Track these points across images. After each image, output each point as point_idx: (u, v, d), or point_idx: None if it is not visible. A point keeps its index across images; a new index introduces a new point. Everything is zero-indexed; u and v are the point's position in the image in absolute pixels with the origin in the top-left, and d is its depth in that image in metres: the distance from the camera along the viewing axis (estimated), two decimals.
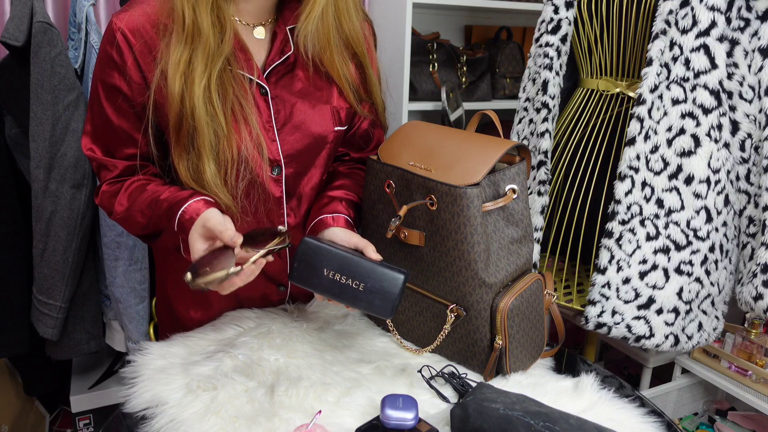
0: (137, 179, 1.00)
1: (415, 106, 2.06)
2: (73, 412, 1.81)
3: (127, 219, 0.99)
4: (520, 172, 0.97)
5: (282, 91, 1.00)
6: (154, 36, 0.92)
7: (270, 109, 0.99)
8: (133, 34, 0.92)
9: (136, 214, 0.97)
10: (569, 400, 0.89)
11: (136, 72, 0.93)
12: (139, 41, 0.92)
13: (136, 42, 0.92)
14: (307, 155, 1.03)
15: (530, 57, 1.56)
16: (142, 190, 0.98)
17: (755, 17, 1.22)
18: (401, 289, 0.89)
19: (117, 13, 0.94)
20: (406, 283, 0.90)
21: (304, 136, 1.02)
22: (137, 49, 0.92)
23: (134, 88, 0.94)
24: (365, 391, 0.91)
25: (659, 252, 1.28)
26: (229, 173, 0.95)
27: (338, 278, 0.90)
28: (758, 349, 1.66)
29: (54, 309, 1.53)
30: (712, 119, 1.24)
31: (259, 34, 0.98)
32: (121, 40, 0.92)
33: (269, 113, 0.99)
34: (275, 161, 1.01)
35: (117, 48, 0.92)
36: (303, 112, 1.01)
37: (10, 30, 1.41)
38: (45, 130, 1.43)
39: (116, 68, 0.93)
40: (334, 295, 0.91)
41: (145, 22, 0.92)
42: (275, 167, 1.01)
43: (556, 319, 1.07)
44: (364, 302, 0.90)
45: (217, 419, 0.83)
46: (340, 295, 0.91)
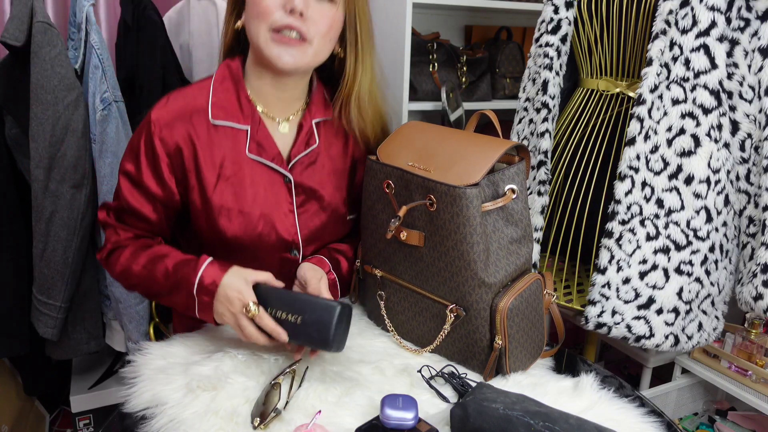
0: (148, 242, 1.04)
1: (415, 106, 2.06)
2: (73, 412, 1.81)
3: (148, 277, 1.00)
4: (519, 172, 0.97)
5: (304, 180, 1.06)
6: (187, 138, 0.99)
7: (293, 196, 1.06)
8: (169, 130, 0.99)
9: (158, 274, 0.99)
10: (569, 400, 0.89)
11: (168, 173, 1.01)
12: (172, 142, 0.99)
13: (171, 143, 0.99)
14: (325, 238, 1.11)
15: (530, 57, 1.56)
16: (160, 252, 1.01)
17: (755, 17, 1.22)
18: (338, 319, 0.89)
19: (156, 107, 1.00)
20: (345, 314, 0.91)
21: (322, 221, 1.09)
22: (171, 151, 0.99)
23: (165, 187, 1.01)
24: (365, 391, 0.91)
25: (659, 252, 1.28)
26: (251, 254, 1.04)
27: (280, 315, 0.92)
28: (758, 349, 1.66)
29: (54, 309, 1.53)
30: (712, 119, 1.24)
31: (284, 129, 1.05)
32: (156, 139, 0.98)
33: (291, 201, 1.06)
34: (294, 244, 1.08)
35: (151, 145, 0.99)
36: (323, 199, 1.08)
37: (10, 30, 1.41)
38: (45, 130, 1.43)
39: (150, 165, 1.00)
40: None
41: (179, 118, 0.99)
42: (293, 249, 1.08)
43: (556, 319, 1.07)
44: (303, 335, 0.92)
45: (216, 419, 0.83)
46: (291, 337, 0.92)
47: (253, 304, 0.91)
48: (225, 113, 1.01)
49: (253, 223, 1.03)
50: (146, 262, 0.98)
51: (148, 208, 1.02)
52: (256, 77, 1.02)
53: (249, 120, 1.02)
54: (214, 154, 1.00)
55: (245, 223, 1.03)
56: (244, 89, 1.02)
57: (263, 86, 1.02)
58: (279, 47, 0.95)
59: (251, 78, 1.03)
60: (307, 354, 0.98)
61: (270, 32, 0.94)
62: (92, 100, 1.49)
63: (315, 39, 0.96)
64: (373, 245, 1.05)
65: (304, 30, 0.94)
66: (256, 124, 1.02)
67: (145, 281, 0.99)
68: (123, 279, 1.03)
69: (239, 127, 1.01)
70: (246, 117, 1.02)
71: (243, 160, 1.01)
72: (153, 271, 0.97)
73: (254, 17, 0.95)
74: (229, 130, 1.01)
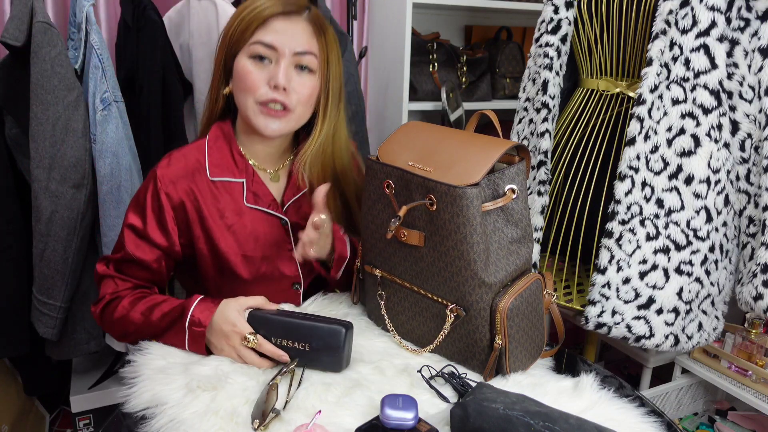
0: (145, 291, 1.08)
1: (415, 106, 2.06)
2: (73, 412, 1.81)
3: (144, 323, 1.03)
4: (519, 172, 0.97)
5: (299, 220, 1.15)
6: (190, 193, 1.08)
7: (290, 235, 1.14)
8: (174, 186, 1.07)
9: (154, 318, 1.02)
10: (569, 400, 0.89)
11: (173, 225, 1.08)
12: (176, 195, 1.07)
13: (175, 198, 1.07)
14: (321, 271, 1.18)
15: (530, 57, 1.56)
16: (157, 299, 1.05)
17: (755, 17, 1.22)
18: (344, 342, 0.94)
19: (159, 166, 1.08)
20: (350, 334, 0.96)
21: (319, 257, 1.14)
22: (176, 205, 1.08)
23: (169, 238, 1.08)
24: (365, 391, 0.91)
25: (659, 252, 1.28)
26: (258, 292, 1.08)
27: (286, 344, 0.96)
28: (758, 349, 1.66)
29: (54, 309, 1.53)
30: (712, 119, 1.24)
31: (275, 178, 1.15)
32: (162, 193, 1.06)
33: (290, 240, 1.14)
34: (295, 278, 1.16)
35: (158, 199, 1.07)
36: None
37: (10, 30, 1.41)
38: (45, 130, 1.43)
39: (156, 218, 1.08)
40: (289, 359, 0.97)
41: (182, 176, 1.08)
42: (295, 284, 1.17)
43: (556, 319, 1.07)
44: (313, 361, 0.95)
45: (216, 419, 0.83)
46: (292, 359, 0.96)
47: (251, 335, 0.95)
48: (221, 170, 1.10)
49: (257, 264, 1.12)
50: (144, 309, 1.02)
51: (152, 257, 1.08)
52: (246, 137, 1.12)
53: (244, 174, 1.11)
54: (216, 206, 1.09)
55: (250, 265, 1.12)
56: (237, 147, 1.12)
57: (253, 145, 1.12)
58: (266, 118, 1.05)
59: (242, 138, 1.13)
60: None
61: (257, 105, 1.04)
62: (92, 100, 1.49)
63: (297, 107, 1.06)
64: (374, 245, 1.05)
65: (287, 102, 1.04)
66: (250, 176, 1.12)
67: (142, 326, 1.02)
68: (119, 326, 1.05)
69: (236, 180, 1.11)
70: (241, 171, 1.11)
71: (242, 210, 1.11)
72: (150, 316, 1.01)
73: (242, 90, 1.05)
74: (227, 184, 1.10)
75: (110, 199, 1.53)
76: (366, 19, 2.16)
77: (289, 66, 1.03)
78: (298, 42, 1.03)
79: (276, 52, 1.03)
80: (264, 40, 1.02)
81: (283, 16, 1.03)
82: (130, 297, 1.05)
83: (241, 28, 1.03)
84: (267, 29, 1.03)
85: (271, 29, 1.03)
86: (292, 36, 1.03)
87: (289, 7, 1.04)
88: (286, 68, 1.03)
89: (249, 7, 1.03)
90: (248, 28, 1.02)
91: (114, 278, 1.08)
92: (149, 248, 1.08)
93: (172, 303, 1.02)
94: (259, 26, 1.02)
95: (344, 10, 2.09)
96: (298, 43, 1.03)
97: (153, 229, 1.07)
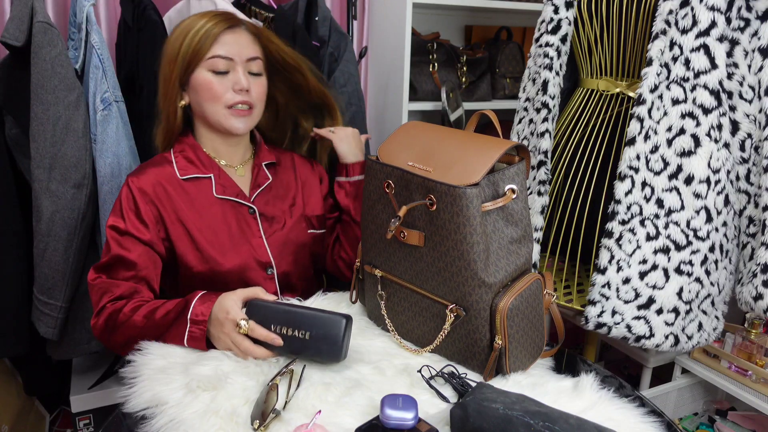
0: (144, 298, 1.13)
1: (415, 106, 2.06)
2: (73, 412, 1.81)
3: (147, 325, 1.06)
4: (519, 172, 0.97)
5: (266, 208, 1.27)
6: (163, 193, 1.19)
7: (259, 223, 1.25)
8: (148, 188, 1.18)
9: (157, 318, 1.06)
10: (569, 400, 0.89)
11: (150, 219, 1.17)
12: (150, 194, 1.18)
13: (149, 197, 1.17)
14: (293, 254, 1.29)
15: (530, 57, 1.56)
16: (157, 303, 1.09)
17: (755, 17, 1.22)
18: (344, 331, 0.95)
19: (131, 175, 1.20)
20: (350, 325, 0.97)
21: (286, 241, 1.28)
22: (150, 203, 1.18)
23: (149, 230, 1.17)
24: (365, 391, 0.91)
25: (659, 252, 1.28)
26: (238, 277, 1.21)
27: (286, 332, 0.97)
28: (758, 349, 1.66)
29: (54, 309, 1.53)
30: (712, 119, 1.24)
31: (241, 172, 1.28)
32: (137, 193, 1.17)
33: (258, 227, 1.25)
34: (267, 263, 1.25)
35: (133, 199, 1.17)
36: (282, 222, 1.28)
37: (10, 30, 1.41)
38: (45, 130, 1.43)
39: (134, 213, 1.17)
40: (285, 348, 0.98)
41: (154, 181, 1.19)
42: (268, 268, 1.25)
43: (555, 319, 1.07)
44: (313, 350, 0.96)
45: (216, 419, 0.83)
46: (290, 347, 0.97)
47: (243, 321, 0.98)
48: (189, 170, 1.23)
49: (231, 252, 1.21)
50: (147, 312, 1.07)
51: (137, 253, 1.14)
52: (209, 141, 1.26)
53: (210, 169, 1.24)
54: (188, 200, 1.20)
55: (225, 253, 1.20)
56: (201, 149, 1.25)
57: (217, 146, 1.26)
58: (236, 119, 1.20)
59: (205, 142, 1.26)
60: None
61: (226, 109, 1.19)
62: (92, 100, 1.49)
63: (257, 104, 1.23)
64: (374, 245, 1.05)
65: (250, 101, 1.20)
66: (217, 171, 1.24)
67: (144, 329, 1.05)
68: (122, 334, 1.08)
69: (204, 176, 1.23)
70: (208, 167, 1.24)
71: (213, 201, 1.22)
72: (153, 317, 1.05)
73: (208, 100, 1.18)
74: (197, 181, 1.22)
75: (111, 199, 1.53)
76: (366, 19, 2.16)
77: (244, 71, 1.19)
78: (246, 50, 1.19)
79: (232, 62, 1.18)
80: (221, 54, 1.17)
81: (230, 30, 1.18)
82: (130, 305, 1.08)
83: (195, 48, 1.16)
84: (219, 43, 1.17)
85: (224, 43, 1.17)
86: (241, 46, 1.19)
87: (231, 21, 1.19)
88: (243, 73, 1.18)
89: (196, 28, 1.16)
90: (202, 46, 1.16)
91: (105, 284, 1.12)
92: (133, 243, 1.15)
93: (174, 301, 1.06)
94: (213, 42, 1.16)
95: (344, 10, 2.09)
96: (247, 51, 1.19)
97: (133, 225, 1.15)
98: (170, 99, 1.21)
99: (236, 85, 1.17)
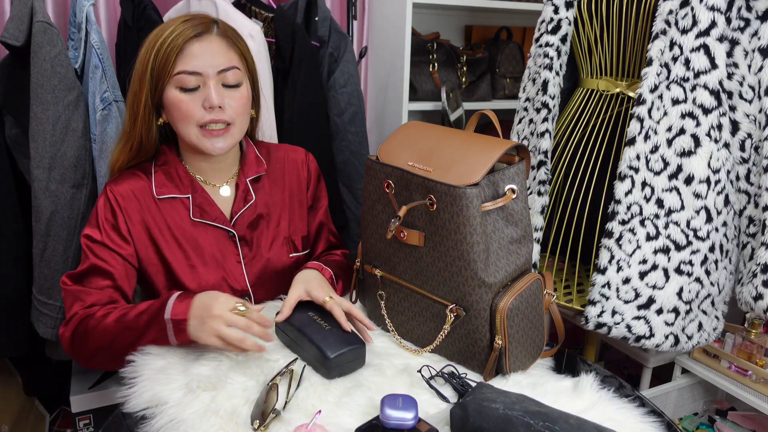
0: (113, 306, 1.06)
1: (415, 106, 2.06)
2: (73, 412, 1.81)
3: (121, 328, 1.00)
4: (519, 172, 0.97)
5: (246, 232, 1.18)
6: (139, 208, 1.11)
7: (238, 248, 1.17)
8: (124, 200, 1.10)
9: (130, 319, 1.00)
10: (569, 400, 0.89)
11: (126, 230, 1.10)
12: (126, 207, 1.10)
13: (126, 209, 1.10)
14: (272, 281, 1.20)
15: (530, 57, 1.56)
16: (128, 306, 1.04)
17: (755, 17, 1.22)
18: (359, 347, 0.97)
19: (109, 183, 1.12)
20: (362, 351, 0.97)
21: (266, 267, 1.19)
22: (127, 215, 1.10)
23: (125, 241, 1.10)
24: (365, 391, 0.91)
25: (659, 252, 1.28)
26: None
27: (311, 315, 1.02)
28: (758, 349, 1.66)
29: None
30: (712, 119, 1.24)
31: (224, 191, 1.18)
32: (114, 204, 1.10)
33: (237, 252, 1.17)
34: (244, 291, 1.17)
35: (111, 208, 1.10)
36: (263, 246, 1.19)
37: (10, 30, 1.41)
38: (45, 130, 1.43)
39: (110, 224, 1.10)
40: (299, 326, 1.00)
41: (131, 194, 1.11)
42: (245, 296, 1.17)
43: (555, 319, 1.07)
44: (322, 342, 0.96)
45: (216, 419, 0.83)
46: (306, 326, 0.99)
47: (239, 303, 0.94)
48: (167, 189, 1.13)
49: (206, 277, 1.13)
50: (118, 315, 1.00)
51: (113, 263, 1.08)
52: (191, 158, 1.15)
53: (189, 190, 1.14)
54: (164, 222, 1.12)
55: (196, 276, 1.13)
56: (182, 167, 1.15)
57: (198, 163, 1.15)
58: (210, 139, 1.08)
59: (187, 158, 1.16)
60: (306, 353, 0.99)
61: (198, 128, 1.07)
62: (92, 99, 1.49)
63: (236, 120, 1.09)
64: (374, 245, 1.05)
65: (226, 118, 1.07)
66: (196, 191, 1.14)
67: (117, 333, 1.00)
68: (93, 340, 1.01)
69: (181, 197, 1.14)
70: (186, 187, 1.14)
71: (189, 224, 1.13)
72: (124, 319, 1.00)
73: (180, 120, 1.07)
74: (173, 201, 1.13)
75: None
76: (366, 19, 2.16)
77: (217, 85, 1.06)
78: (218, 60, 1.06)
79: (202, 77, 1.05)
80: (187, 69, 1.04)
81: (197, 39, 1.05)
82: (101, 311, 1.03)
83: (161, 63, 1.04)
84: (185, 57, 1.04)
85: (190, 55, 1.04)
86: (212, 56, 1.05)
87: (198, 28, 1.05)
88: (215, 87, 1.05)
89: (160, 40, 1.04)
90: (167, 60, 1.03)
91: (78, 293, 1.06)
92: (109, 254, 1.08)
93: (147, 303, 1.01)
94: (178, 56, 1.04)
95: (344, 10, 2.09)
96: (219, 61, 1.06)
97: (109, 236, 1.09)
98: (146, 118, 1.09)
99: (206, 101, 1.05)
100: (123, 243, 1.10)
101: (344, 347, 0.94)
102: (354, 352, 0.96)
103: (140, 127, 1.09)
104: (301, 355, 0.99)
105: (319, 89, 1.72)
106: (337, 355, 0.93)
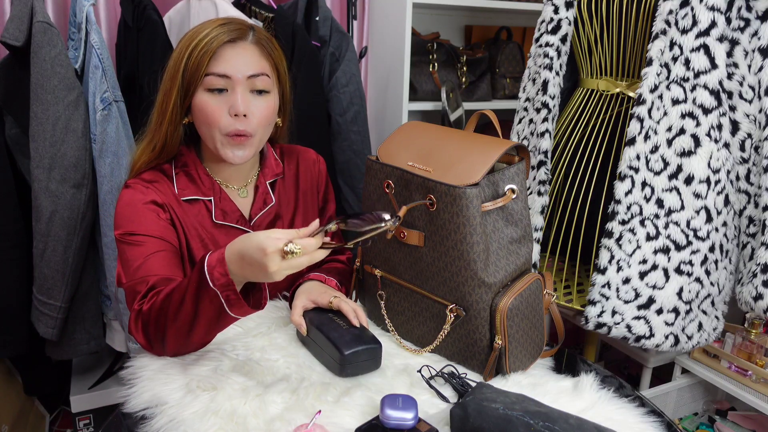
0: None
1: (415, 106, 2.06)
2: (73, 412, 1.81)
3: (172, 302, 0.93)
4: (519, 172, 0.97)
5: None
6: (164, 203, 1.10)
7: None
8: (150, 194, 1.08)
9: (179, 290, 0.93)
10: (569, 400, 0.89)
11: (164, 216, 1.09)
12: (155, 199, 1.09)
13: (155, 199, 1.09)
14: (287, 280, 1.12)
15: (530, 57, 1.56)
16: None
17: (755, 17, 1.22)
18: (376, 349, 0.97)
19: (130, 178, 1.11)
20: (378, 353, 0.97)
21: None
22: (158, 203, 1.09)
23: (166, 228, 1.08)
24: (365, 391, 0.91)
25: (659, 252, 1.28)
26: None
27: (332, 316, 1.02)
28: (758, 349, 1.66)
29: (54, 309, 1.53)
30: (712, 119, 1.24)
31: (243, 193, 1.18)
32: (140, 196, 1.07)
33: None
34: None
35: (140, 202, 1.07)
36: None
37: (10, 30, 1.41)
38: (45, 130, 1.43)
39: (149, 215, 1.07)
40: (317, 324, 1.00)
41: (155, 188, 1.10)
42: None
43: (555, 319, 1.07)
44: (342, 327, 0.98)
45: (216, 419, 0.83)
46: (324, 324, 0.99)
47: (291, 244, 0.80)
48: (190, 190, 1.13)
49: None
50: (164, 297, 0.95)
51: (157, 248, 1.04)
52: (213, 161, 1.15)
53: (211, 192, 1.14)
54: (188, 221, 1.12)
55: None
56: (203, 168, 1.15)
57: (219, 167, 1.15)
58: (231, 148, 1.08)
59: (208, 161, 1.16)
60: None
61: (221, 135, 1.07)
62: (92, 100, 1.49)
63: (258, 131, 1.08)
64: (373, 245, 1.05)
65: (249, 130, 1.07)
66: (217, 194, 1.15)
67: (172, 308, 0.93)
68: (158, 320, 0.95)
69: (204, 199, 1.14)
70: (208, 189, 1.14)
71: (211, 226, 1.14)
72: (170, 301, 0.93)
73: (205, 124, 1.07)
74: (197, 203, 1.13)
75: (110, 199, 1.53)
76: (366, 19, 2.16)
77: (244, 91, 1.06)
78: (249, 66, 1.06)
79: (230, 80, 1.05)
80: (217, 71, 1.04)
81: (231, 44, 1.05)
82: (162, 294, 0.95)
83: (194, 65, 1.04)
84: (218, 60, 1.04)
85: (222, 59, 1.05)
86: (243, 61, 1.05)
87: (233, 34, 1.06)
88: (242, 94, 1.05)
89: (194, 42, 1.04)
90: (201, 63, 1.04)
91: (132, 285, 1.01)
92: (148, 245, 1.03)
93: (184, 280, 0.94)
94: (211, 59, 1.04)
95: (344, 10, 2.09)
96: (249, 67, 1.06)
97: (145, 225, 1.05)
98: (172, 118, 1.08)
99: (232, 108, 1.05)
100: (157, 227, 1.06)
101: (360, 345, 0.95)
102: (369, 351, 0.95)
103: (167, 127, 1.09)
104: (317, 352, 0.99)
105: (320, 89, 1.73)
106: (352, 352, 0.93)
